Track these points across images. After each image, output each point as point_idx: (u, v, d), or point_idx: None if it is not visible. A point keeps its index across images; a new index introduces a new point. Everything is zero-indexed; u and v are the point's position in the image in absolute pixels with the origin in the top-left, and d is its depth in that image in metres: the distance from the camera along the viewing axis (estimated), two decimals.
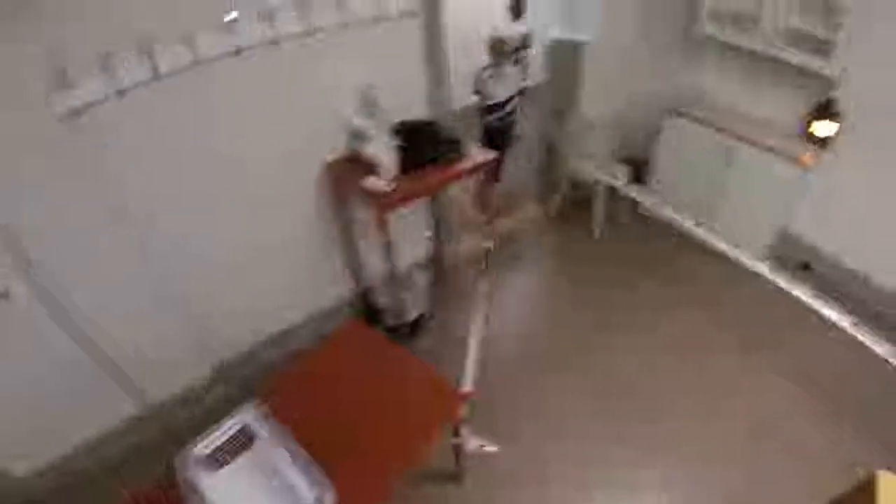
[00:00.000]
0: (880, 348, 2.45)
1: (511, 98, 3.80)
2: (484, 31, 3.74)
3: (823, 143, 3.06)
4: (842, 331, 2.55)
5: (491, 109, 3.80)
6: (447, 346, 2.95)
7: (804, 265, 3.44)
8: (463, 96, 3.91)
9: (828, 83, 2.94)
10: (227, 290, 2.55)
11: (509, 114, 3.86)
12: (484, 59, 3.68)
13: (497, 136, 3.91)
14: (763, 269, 2.94)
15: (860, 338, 2.52)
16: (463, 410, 1.93)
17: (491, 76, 3.66)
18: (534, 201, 4.17)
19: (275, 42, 2.13)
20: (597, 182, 3.63)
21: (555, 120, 3.92)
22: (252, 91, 2.19)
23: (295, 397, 1.84)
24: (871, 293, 3.15)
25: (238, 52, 2.05)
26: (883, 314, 2.99)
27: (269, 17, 2.06)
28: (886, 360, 2.40)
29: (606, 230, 3.80)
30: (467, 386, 2.60)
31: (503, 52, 3.61)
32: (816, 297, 2.70)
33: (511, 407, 2.65)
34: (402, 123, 2.47)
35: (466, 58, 3.56)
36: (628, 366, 2.86)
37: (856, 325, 2.56)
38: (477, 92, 3.78)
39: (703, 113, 3.46)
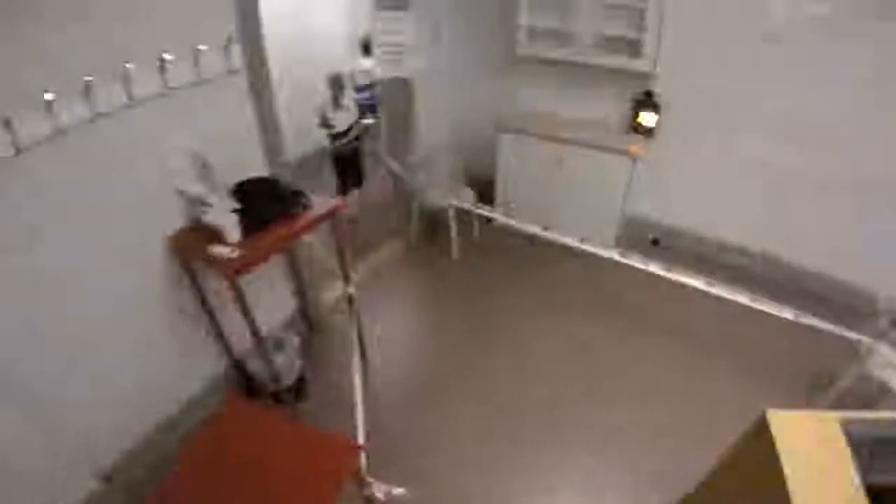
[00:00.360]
0: (735, 297, 2.83)
1: (351, 127, 4.11)
2: (325, 69, 4.01)
3: (648, 132, 3.51)
4: (701, 291, 2.91)
5: (336, 138, 4.13)
6: (334, 402, 2.85)
7: (653, 241, 3.89)
8: (301, 143, 4.13)
9: (644, 78, 3.39)
10: (89, 395, 2.26)
11: (353, 139, 4.17)
12: (326, 93, 4.00)
13: (348, 163, 4.32)
14: (614, 255, 3.24)
15: (714, 292, 2.88)
16: (361, 461, 1.88)
17: (332, 108, 4.00)
18: (392, 235, 4.22)
19: (96, 119, 1.96)
20: (447, 207, 3.77)
21: (397, 152, 4.03)
22: (77, 172, 1.99)
23: (187, 496, 1.68)
24: (713, 250, 3.75)
25: (55, 134, 1.86)
26: (726, 265, 3.59)
27: (86, 92, 1.90)
28: (745, 305, 2.79)
29: (465, 251, 3.97)
30: (360, 437, 2.53)
31: (341, 85, 3.93)
32: (667, 268, 3.04)
33: (412, 445, 2.63)
34: (240, 184, 2.39)
35: (304, 102, 3.89)
36: (515, 380, 2.97)
37: (710, 283, 2.92)
38: (323, 123, 4.08)
39: (532, 125, 3.77)
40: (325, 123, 4.09)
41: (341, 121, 4.08)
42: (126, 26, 2.00)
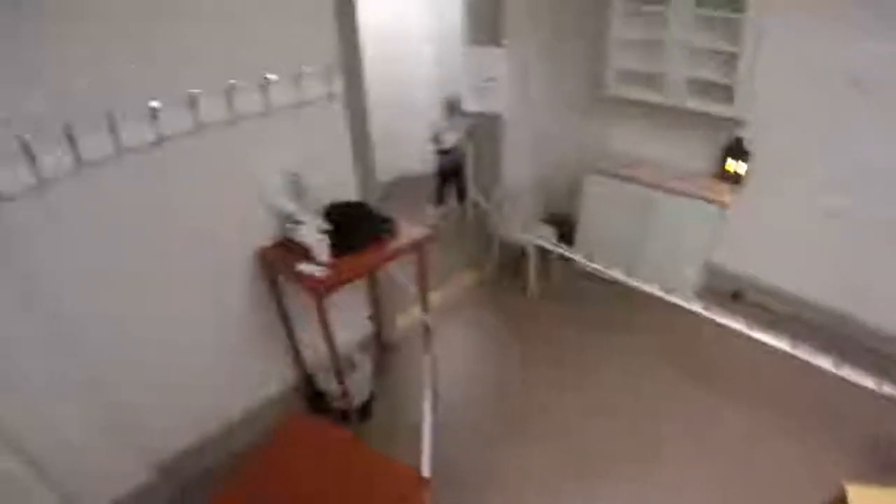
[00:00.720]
0: (820, 361, 2.63)
1: (456, 146, 4.48)
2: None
3: (737, 179, 3.36)
4: (782, 352, 2.72)
5: (442, 153, 4.66)
6: (398, 427, 2.85)
7: (734, 294, 3.69)
8: (390, 169, 4.19)
9: (734, 124, 3.27)
10: (162, 389, 2.37)
11: (458, 156, 4.55)
12: (437, 113, 4.60)
13: (448, 178, 4.84)
14: (698, 308, 3.10)
15: (800, 355, 2.69)
16: (428, 497, 1.84)
17: (445, 127, 4.42)
18: (467, 265, 4.22)
19: (198, 130, 2.10)
20: (527, 245, 3.74)
21: (481, 185, 4.05)
22: (176, 181, 2.13)
23: None
24: (794, 305, 3.51)
25: (160, 141, 2.00)
26: (811, 321, 3.37)
27: (192, 104, 2.04)
28: (831, 371, 2.58)
29: (541, 290, 3.90)
30: (426, 469, 2.50)
31: (452, 107, 4.17)
32: (748, 324, 2.87)
33: (475, 481, 2.57)
34: (333, 206, 2.47)
35: (398, 128, 4.31)
36: (583, 423, 2.86)
37: (794, 345, 2.73)
38: (434, 139, 4.63)
39: (619, 167, 3.69)
40: (435, 139, 4.62)
41: (449, 139, 4.46)
42: (234, 44, 2.14)
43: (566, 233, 4.02)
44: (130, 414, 2.29)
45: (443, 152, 4.69)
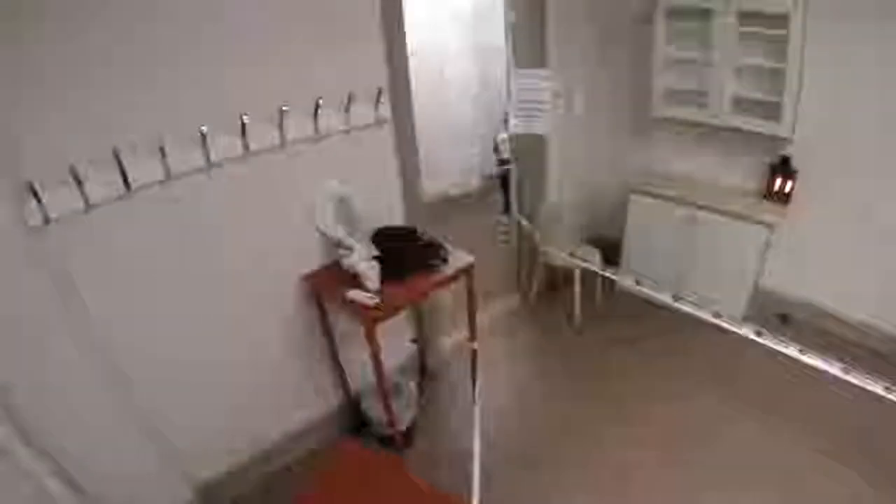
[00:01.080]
0: (872, 387, 2.49)
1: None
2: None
3: (784, 198, 3.26)
4: (836, 377, 2.59)
5: (503, 162, 4.93)
6: (441, 453, 2.81)
7: (782, 317, 3.57)
8: (434, 190, 4.55)
9: (781, 142, 3.17)
10: (207, 409, 2.40)
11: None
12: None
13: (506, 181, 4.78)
14: (750, 333, 2.98)
15: (850, 379, 2.56)
16: None
17: (504, 139, 4.75)
18: (510, 287, 4.17)
19: (247, 156, 2.14)
20: (571, 267, 3.69)
21: (525, 206, 4.02)
22: (225, 205, 2.17)
23: None
24: (847, 328, 3.35)
25: (210, 166, 2.04)
26: (862, 345, 3.20)
27: (241, 130, 2.07)
28: (884, 396, 2.43)
29: (585, 312, 3.81)
30: (475, 502, 2.45)
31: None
32: (803, 350, 2.75)
33: None
34: (381, 231, 2.46)
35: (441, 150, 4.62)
36: (628, 453, 2.76)
37: (846, 369, 2.60)
38: (495, 149, 5.29)
39: (665, 187, 3.62)
40: (495, 149, 5.17)
41: (507, 149, 4.51)
42: (283, 70, 2.17)
43: (610, 254, 3.96)
44: (172, 430, 2.31)
45: (503, 162, 4.88)
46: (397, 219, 2.73)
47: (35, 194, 1.64)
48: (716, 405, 3.01)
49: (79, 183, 1.72)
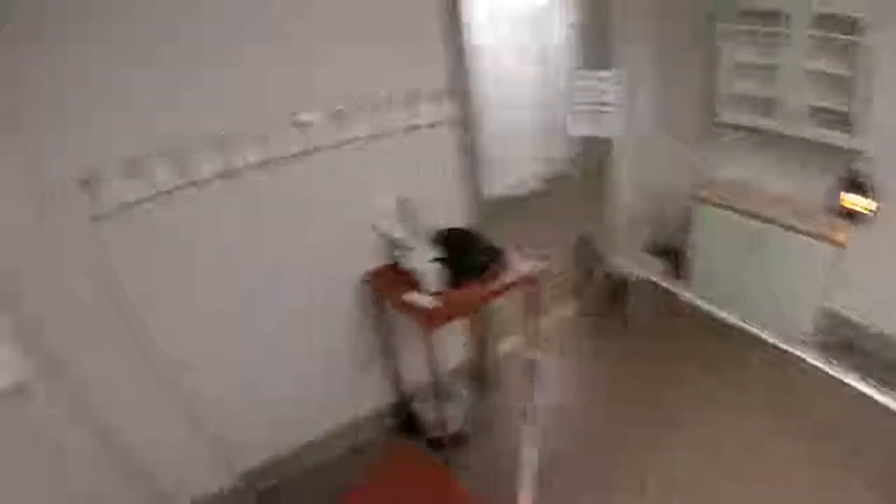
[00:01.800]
0: None
1: None
2: None
3: (856, 216, 3.01)
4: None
5: None
6: (490, 459, 2.77)
7: (849, 343, 3.31)
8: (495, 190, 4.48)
9: (853, 155, 2.92)
10: (258, 399, 2.46)
11: None
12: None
13: None
14: (810, 357, 2.81)
15: None
16: None
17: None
18: (566, 296, 4.08)
19: (308, 153, 2.17)
20: (631, 276, 3.56)
21: (587, 214, 3.93)
22: (286, 201, 2.21)
23: None
24: None
25: (268, 162, 2.08)
26: None
27: (302, 127, 2.11)
28: None
29: (645, 325, 3.67)
30: None
31: None
32: (864, 380, 2.57)
33: None
34: (442, 234, 2.43)
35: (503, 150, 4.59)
36: (683, 474, 2.63)
37: None
38: None
39: (731, 198, 3.43)
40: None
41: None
42: (345, 67, 2.18)
43: (673, 264, 3.80)
44: (218, 420, 2.37)
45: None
46: (458, 220, 2.69)
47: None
48: (765, 424, 2.83)
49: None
